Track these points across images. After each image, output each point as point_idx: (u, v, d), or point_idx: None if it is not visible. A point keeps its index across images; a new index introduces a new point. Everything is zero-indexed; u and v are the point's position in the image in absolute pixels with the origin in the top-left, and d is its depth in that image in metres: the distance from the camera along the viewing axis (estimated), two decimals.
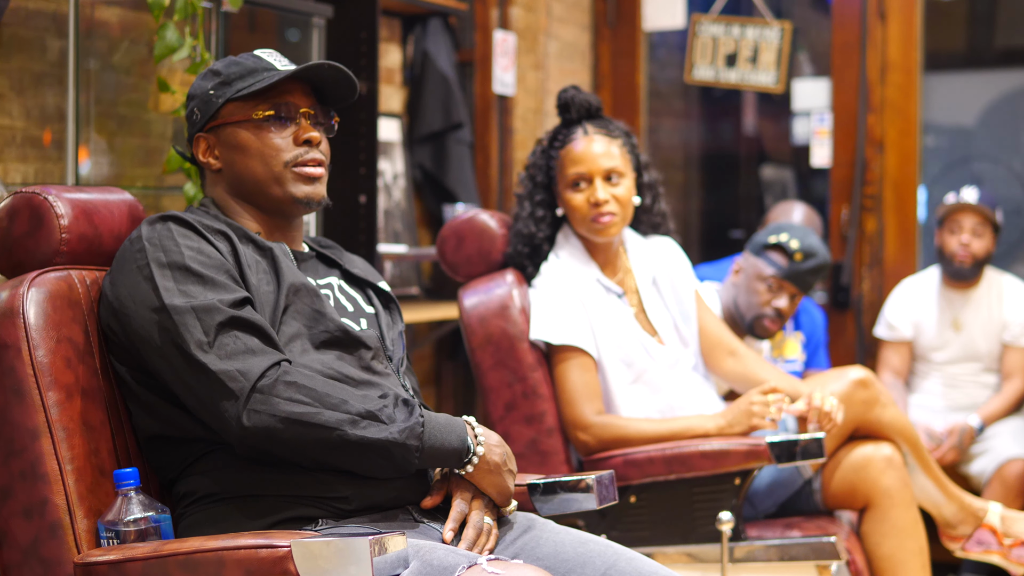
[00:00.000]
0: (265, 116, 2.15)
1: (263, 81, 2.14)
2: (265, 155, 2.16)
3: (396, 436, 1.97)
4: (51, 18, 3.09)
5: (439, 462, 2.04)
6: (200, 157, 2.21)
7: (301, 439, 1.94)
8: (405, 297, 4.54)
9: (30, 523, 1.95)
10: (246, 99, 2.16)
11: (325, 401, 1.95)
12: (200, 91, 2.19)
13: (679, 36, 5.45)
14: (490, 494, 2.09)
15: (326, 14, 3.81)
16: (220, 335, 1.97)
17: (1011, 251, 5.97)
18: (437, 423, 2.02)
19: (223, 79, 2.17)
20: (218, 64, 2.20)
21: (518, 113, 4.99)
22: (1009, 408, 4.47)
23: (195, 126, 2.20)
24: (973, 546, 3.22)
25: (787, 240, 3.72)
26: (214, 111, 2.17)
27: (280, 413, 1.93)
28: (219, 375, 1.94)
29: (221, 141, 2.18)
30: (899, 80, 5.07)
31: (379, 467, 2.00)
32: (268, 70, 2.17)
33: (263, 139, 2.16)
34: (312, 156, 2.17)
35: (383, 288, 2.33)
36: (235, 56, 2.22)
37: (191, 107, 2.21)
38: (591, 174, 3.01)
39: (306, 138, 2.17)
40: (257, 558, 1.77)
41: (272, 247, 2.14)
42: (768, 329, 3.77)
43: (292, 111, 2.17)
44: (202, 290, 2.00)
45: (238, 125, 2.16)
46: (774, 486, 3.14)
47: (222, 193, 2.21)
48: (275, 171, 2.16)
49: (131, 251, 2.05)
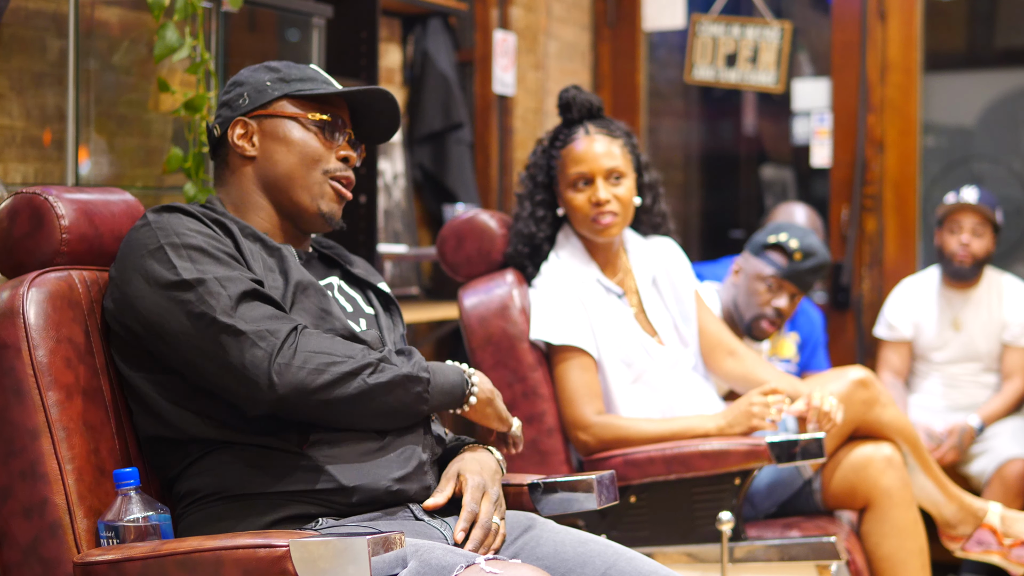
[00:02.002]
0: (321, 120, 2.20)
1: (325, 89, 2.21)
2: (307, 155, 2.20)
3: (408, 370, 2.07)
4: (51, 18, 3.09)
5: (445, 398, 2.14)
6: (234, 140, 2.21)
7: (328, 392, 1.99)
8: (405, 297, 4.55)
9: (30, 523, 1.95)
10: (303, 99, 2.20)
11: (344, 352, 2.03)
12: (254, 79, 2.22)
13: (679, 36, 5.46)
14: (492, 424, 2.25)
15: (326, 14, 3.81)
16: (242, 303, 2.00)
17: (1011, 251, 5.97)
18: (436, 364, 2.16)
19: (282, 75, 2.22)
20: (276, 63, 2.25)
21: (518, 113, 5.00)
22: (1009, 408, 4.47)
23: (237, 110, 2.21)
24: (973, 546, 3.22)
25: (786, 240, 3.72)
26: (267, 100, 2.20)
27: (308, 365, 1.98)
28: (249, 335, 1.97)
29: (264, 130, 2.20)
30: (899, 80, 5.07)
31: (396, 408, 2.06)
32: (325, 83, 2.24)
33: (311, 139, 2.20)
34: (347, 174, 2.24)
35: (383, 289, 2.33)
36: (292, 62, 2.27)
37: (239, 92, 2.22)
38: (592, 174, 3.01)
39: (345, 155, 2.23)
40: (255, 558, 1.77)
41: (280, 247, 2.16)
42: (765, 330, 3.77)
43: (342, 126, 2.23)
44: (218, 267, 2.02)
45: (289, 119, 2.20)
46: (774, 486, 3.14)
47: (243, 183, 2.21)
48: (312, 174, 2.20)
49: (140, 237, 2.06)
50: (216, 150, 2.25)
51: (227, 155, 2.23)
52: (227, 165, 2.24)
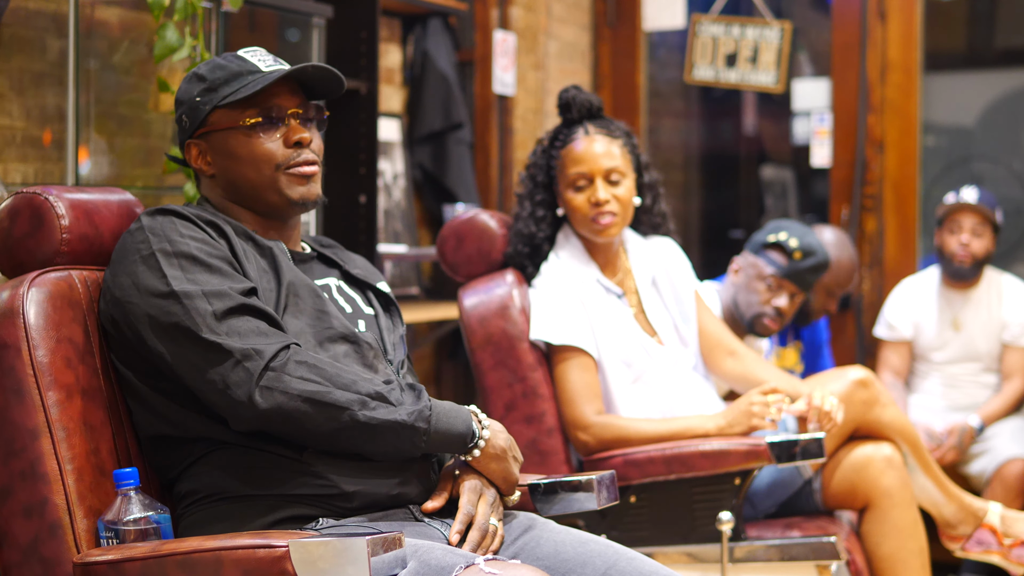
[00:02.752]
0: (253, 123, 2.14)
1: (248, 87, 2.13)
2: (257, 161, 2.15)
3: (405, 418, 1.98)
4: (51, 18, 3.09)
5: (445, 447, 2.05)
6: (192, 163, 2.20)
7: (312, 419, 1.95)
8: (405, 297, 4.55)
9: (30, 523, 1.95)
10: (233, 105, 2.14)
11: (336, 381, 1.97)
12: (187, 97, 2.18)
13: (679, 36, 5.45)
14: (496, 481, 2.09)
15: (326, 14, 3.81)
16: (231, 318, 1.97)
17: (1011, 251, 5.97)
18: (444, 408, 2.04)
19: (208, 85, 2.15)
20: (203, 68, 2.18)
21: (518, 113, 5.00)
22: (1009, 408, 4.47)
23: (185, 132, 2.19)
24: (973, 546, 3.22)
25: (786, 239, 3.72)
26: (202, 118, 2.16)
27: (292, 391, 1.94)
28: (234, 353, 1.94)
29: (212, 147, 2.17)
30: (899, 80, 5.07)
31: (386, 449, 2.00)
32: (253, 72, 2.15)
33: (253, 145, 2.15)
34: (304, 157, 2.16)
35: (383, 290, 2.33)
36: (219, 58, 2.19)
37: (180, 113, 2.19)
38: (592, 174, 3.01)
39: (297, 139, 2.16)
40: (255, 558, 1.77)
41: (271, 245, 2.14)
42: (768, 327, 3.77)
43: (281, 113, 2.16)
44: (210, 278, 2.01)
45: (227, 132, 2.15)
46: (774, 486, 3.14)
47: (218, 197, 2.21)
48: (268, 176, 2.15)
49: (133, 241, 2.05)
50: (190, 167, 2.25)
51: (195, 173, 2.24)
52: (199, 182, 2.24)
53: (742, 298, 3.77)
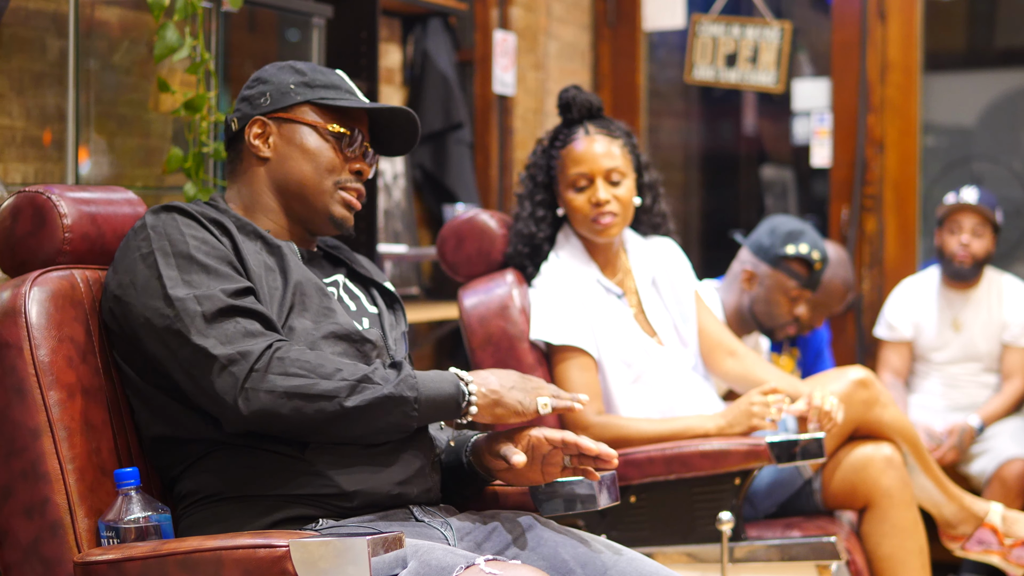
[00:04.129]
0: (339, 132, 2.20)
1: (349, 102, 2.20)
2: (321, 165, 2.20)
3: (392, 390, 1.99)
4: (51, 18, 3.09)
5: (439, 412, 2.05)
6: (250, 139, 2.21)
7: (301, 412, 1.96)
8: (405, 297, 4.55)
9: (31, 522, 1.95)
10: (325, 108, 2.20)
11: (320, 371, 1.97)
12: (278, 80, 2.21)
13: (679, 36, 5.46)
14: (511, 421, 2.10)
15: (326, 14, 3.81)
16: (221, 321, 1.98)
17: (1011, 251, 5.98)
18: (428, 375, 2.05)
19: (307, 80, 2.21)
20: (301, 64, 2.24)
21: (518, 113, 5.00)
22: (1009, 408, 4.47)
23: (258, 108, 2.21)
24: (973, 546, 3.22)
25: (808, 252, 3.75)
26: (289, 104, 2.19)
27: (277, 389, 1.95)
28: (220, 359, 1.95)
29: (282, 133, 2.20)
30: (899, 80, 5.08)
31: (380, 428, 2.01)
32: (350, 92, 2.23)
33: (327, 149, 2.20)
34: (358, 187, 2.25)
35: (388, 288, 2.34)
36: (317, 65, 2.26)
37: (261, 90, 2.21)
38: (592, 174, 3.01)
39: (359, 168, 2.23)
40: (255, 558, 1.77)
41: (281, 245, 2.15)
42: (787, 334, 3.89)
43: (360, 140, 2.23)
44: (206, 279, 2.01)
45: (309, 127, 2.20)
46: (774, 486, 3.14)
47: (254, 182, 2.21)
48: (323, 183, 2.20)
49: (135, 240, 2.06)
50: (231, 143, 2.24)
51: (241, 152, 2.23)
52: (240, 161, 2.23)
53: (761, 309, 3.79)
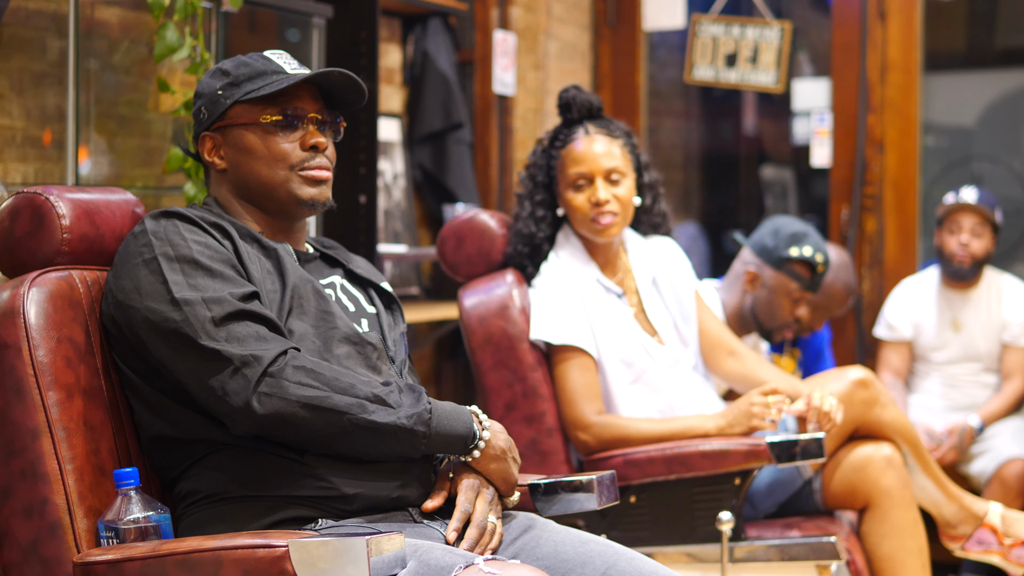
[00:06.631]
0: (273, 121, 2.16)
1: (272, 85, 2.14)
2: (271, 160, 2.16)
3: (404, 421, 1.98)
4: (51, 18, 3.09)
5: (446, 448, 2.05)
6: (205, 156, 2.21)
7: (311, 423, 1.95)
8: (405, 297, 4.54)
9: (30, 522, 1.95)
10: (254, 102, 2.16)
11: (334, 385, 1.97)
12: (208, 90, 2.19)
13: (679, 36, 5.45)
14: (495, 482, 2.10)
15: (326, 14, 3.81)
16: (230, 324, 1.97)
17: (1011, 251, 5.97)
18: (444, 410, 2.04)
19: (232, 79, 2.17)
20: (227, 63, 2.20)
21: (518, 113, 5.00)
22: (1009, 408, 4.47)
23: (201, 125, 2.20)
24: (973, 546, 3.22)
25: (812, 255, 3.76)
26: (221, 111, 2.17)
27: (291, 397, 1.94)
28: (232, 360, 1.95)
29: (227, 142, 2.19)
30: (899, 80, 5.07)
31: (386, 451, 2.01)
32: (277, 73, 2.17)
33: (270, 143, 2.16)
34: (318, 162, 2.19)
35: (385, 288, 2.33)
36: (244, 56, 2.21)
37: (198, 105, 2.20)
38: (592, 174, 3.01)
39: (313, 143, 2.18)
40: (254, 558, 1.77)
41: (276, 247, 2.15)
42: (786, 336, 3.88)
43: (300, 116, 2.18)
44: (211, 283, 2.01)
45: (245, 128, 2.17)
46: (774, 486, 3.14)
47: (226, 193, 2.21)
48: (281, 175, 2.17)
49: (136, 245, 2.05)
50: (200, 161, 2.25)
51: (207, 167, 2.24)
52: (209, 177, 2.25)
53: (763, 310, 3.79)
